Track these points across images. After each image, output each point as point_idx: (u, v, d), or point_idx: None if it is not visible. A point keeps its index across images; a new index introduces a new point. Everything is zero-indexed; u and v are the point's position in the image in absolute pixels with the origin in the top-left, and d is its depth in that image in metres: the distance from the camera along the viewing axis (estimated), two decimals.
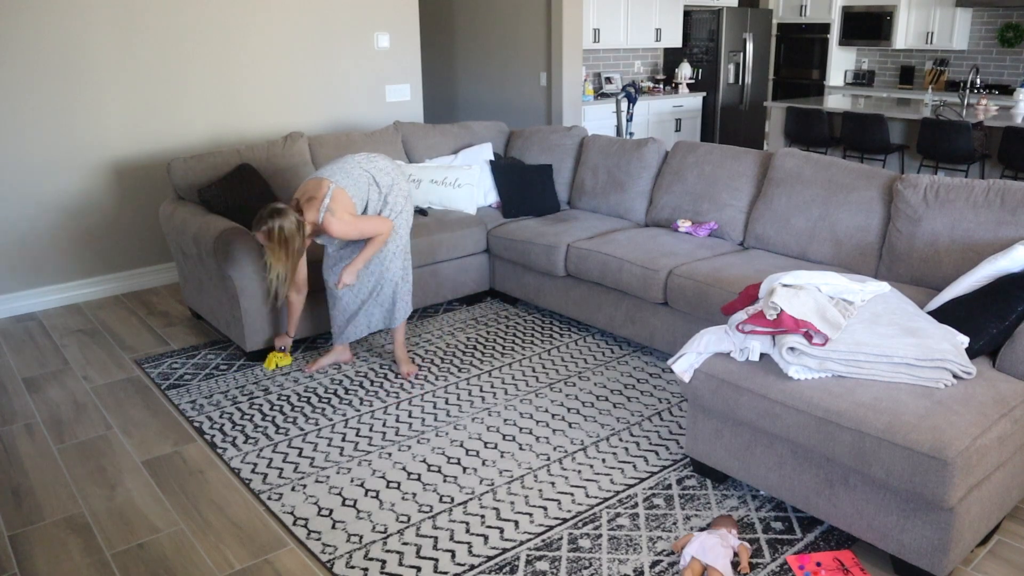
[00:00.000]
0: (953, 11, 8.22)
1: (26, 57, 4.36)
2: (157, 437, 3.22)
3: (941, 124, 6.06)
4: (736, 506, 2.67)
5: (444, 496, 2.77)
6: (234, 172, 4.15)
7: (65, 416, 3.41)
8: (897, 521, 2.23)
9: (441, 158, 4.93)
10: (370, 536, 2.56)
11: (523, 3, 7.16)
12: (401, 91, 5.92)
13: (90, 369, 3.87)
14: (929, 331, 2.43)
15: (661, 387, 3.55)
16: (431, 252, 4.29)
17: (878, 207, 3.47)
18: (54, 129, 4.53)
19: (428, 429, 3.22)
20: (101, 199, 4.78)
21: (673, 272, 3.60)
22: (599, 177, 4.61)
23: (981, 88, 7.95)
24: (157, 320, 4.49)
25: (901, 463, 2.13)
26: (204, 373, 3.77)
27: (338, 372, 3.75)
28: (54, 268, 4.71)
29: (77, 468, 3.00)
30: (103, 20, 4.56)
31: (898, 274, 3.33)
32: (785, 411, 2.38)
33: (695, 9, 8.74)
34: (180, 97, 4.92)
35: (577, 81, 7.07)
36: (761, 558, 2.42)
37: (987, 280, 2.68)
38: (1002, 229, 3.04)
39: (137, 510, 2.73)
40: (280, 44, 5.24)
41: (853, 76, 9.31)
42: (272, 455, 3.05)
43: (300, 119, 5.44)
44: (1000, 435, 2.17)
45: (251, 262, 3.67)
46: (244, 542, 2.55)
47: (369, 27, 5.64)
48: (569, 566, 2.39)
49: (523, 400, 3.45)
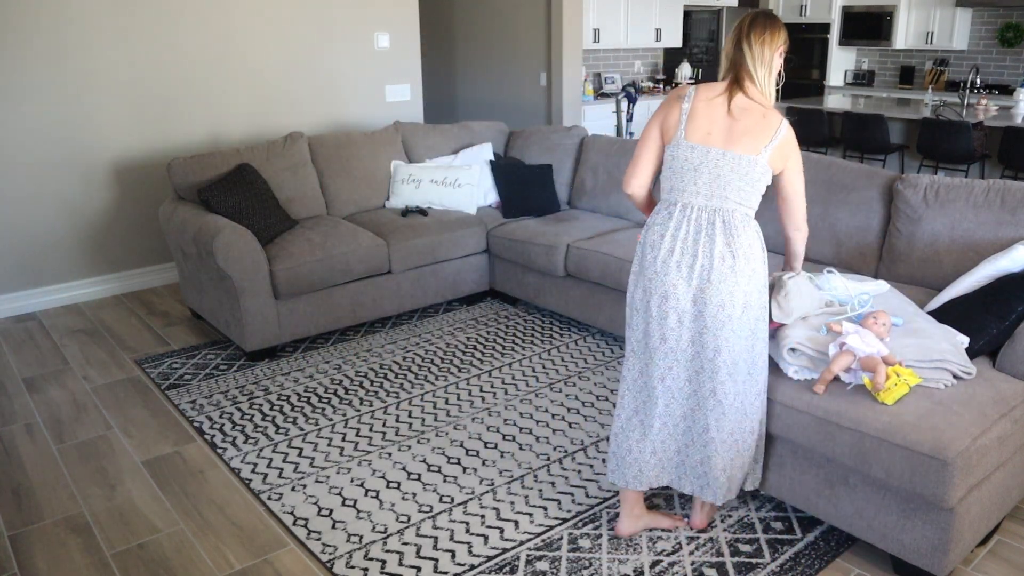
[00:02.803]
0: (953, 11, 8.21)
1: (26, 57, 4.36)
2: (157, 437, 3.22)
3: (941, 124, 6.06)
4: (736, 506, 2.67)
5: (444, 496, 2.77)
6: (234, 172, 4.15)
7: (65, 416, 3.41)
8: (897, 521, 2.23)
9: (441, 158, 4.93)
10: (370, 536, 2.56)
11: (523, 3, 7.16)
12: (401, 91, 5.92)
13: (90, 369, 3.87)
14: (929, 331, 2.43)
15: None
16: (431, 252, 4.29)
17: (878, 207, 3.47)
18: (54, 129, 4.53)
19: (428, 429, 3.22)
20: (101, 199, 4.78)
21: None
22: (599, 177, 4.61)
23: (981, 88, 7.94)
24: (157, 320, 4.49)
25: (901, 463, 2.13)
26: (204, 373, 3.77)
27: (338, 372, 3.75)
28: (54, 268, 4.71)
29: (77, 468, 3.00)
30: (103, 20, 4.56)
31: (898, 274, 3.32)
32: (785, 411, 2.38)
33: (695, 9, 8.73)
34: (180, 97, 4.92)
35: (577, 81, 7.07)
36: (761, 558, 2.42)
37: (987, 280, 2.68)
38: (1002, 229, 3.03)
39: (137, 510, 2.73)
40: (280, 44, 5.24)
41: (853, 76, 9.31)
42: (272, 455, 3.05)
43: (300, 119, 5.43)
44: (1000, 435, 2.17)
45: (251, 262, 3.67)
46: (244, 542, 2.55)
47: (369, 27, 5.64)
48: (569, 566, 2.39)
49: (523, 400, 3.45)
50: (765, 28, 2.23)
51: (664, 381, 2.34)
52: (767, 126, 2.23)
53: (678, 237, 2.25)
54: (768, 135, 2.23)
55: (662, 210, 2.32)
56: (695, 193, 2.25)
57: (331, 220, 4.35)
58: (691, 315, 2.26)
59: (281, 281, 3.78)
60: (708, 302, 2.23)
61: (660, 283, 2.27)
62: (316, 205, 4.53)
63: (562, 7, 6.73)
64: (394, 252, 4.15)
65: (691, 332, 2.28)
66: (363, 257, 4.03)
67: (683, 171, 2.26)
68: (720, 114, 2.23)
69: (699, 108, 2.25)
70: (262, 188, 4.17)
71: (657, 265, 2.27)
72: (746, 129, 2.22)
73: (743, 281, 2.23)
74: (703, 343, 2.28)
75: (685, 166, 2.25)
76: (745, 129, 2.22)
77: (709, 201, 2.24)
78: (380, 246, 4.10)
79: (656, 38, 8.23)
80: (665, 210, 2.31)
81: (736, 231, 2.23)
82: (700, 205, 2.25)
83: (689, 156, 2.24)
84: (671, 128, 2.28)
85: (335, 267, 3.94)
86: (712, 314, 2.23)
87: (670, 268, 2.25)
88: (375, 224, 4.35)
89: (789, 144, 2.28)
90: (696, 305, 2.25)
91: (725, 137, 2.23)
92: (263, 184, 4.20)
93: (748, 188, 2.24)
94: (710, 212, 2.24)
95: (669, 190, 2.31)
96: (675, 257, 2.25)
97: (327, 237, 4.02)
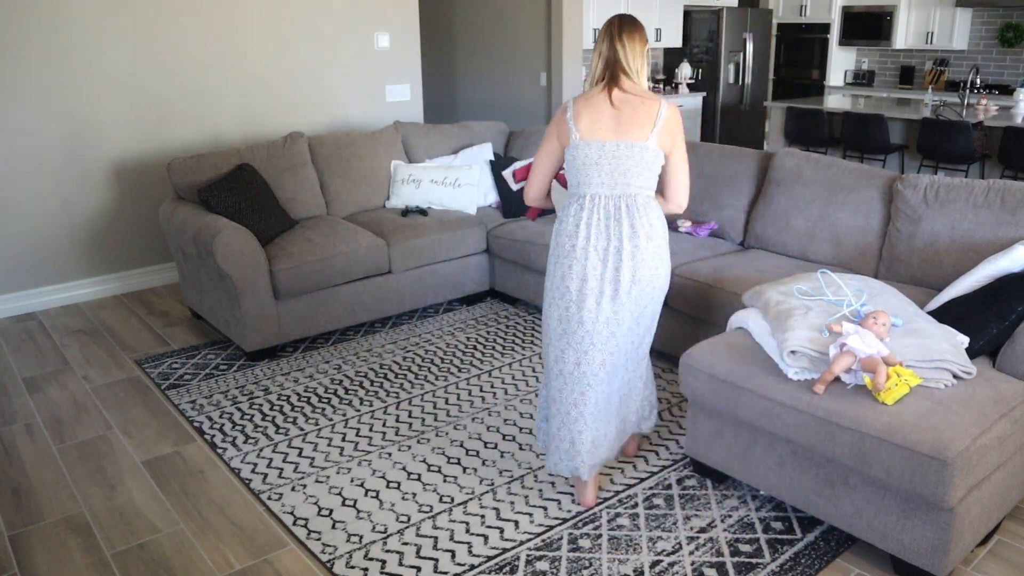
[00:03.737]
0: (953, 11, 8.21)
1: (26, 57, 4.36)
2: (157, 437, 3.22)
3: (941, 124, 6.06)
4: (736, 506, 2.67)
5: (444, 496, 2.77)
6: (234, 172, 4.14)
7: (65, 416, 3.41)
8: (897, 521, 2.23)
9: (441, 158, 4.93)
10: (370, 536, 2.56)
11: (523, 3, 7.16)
12: (401, 91, 5.92)
13: (90, 369, 3.87)
14: (929, 331, 2.43)
15: (661, 387, 3.55)
16: (431, 252, 4.29)
17: (878, 207, 3.47)
18: (54, 129, 4.53)
19: (428, 429, 3.22)
20: (101, 199, 4.78)
21: (673, 272, 3.60)
22: None
23: (981, 88, 7.95)
24: (157, 320, 4.49)
25: (901, 463, 2.13)
26: (204, 373, 3.77)
27: (338, 372, 3.75)
28: (54, 268, 4.71)
29: (77, 468, 3.00)
30: (103, 20, 4.56)
31: (898, 274, 3.32)
32: (785, 411, 2.38)
33: (695, 9, 8.73)
34: (180, 97, 4.92)
35: (577, 81, 7.06)
36: (761, 558, 2.42)
37: (987, 280, 2.68)
38: (1002, 229, 3.03)
39: (137, 510, 2.73)
40: (280, 44, 5.24)
41: (853, 76, 9.31)
42: (272, 455, 3.05)
43: (300, 119, 5.44)
44: (1000, 435, 2.17)
45: (251, 262, 3.67)
46: (244, 542, 2.55)
47: (369, 27, 5.64)
48: (569, 566, 2.39)
49: (523, 400, 3.45)
50: (633, 28, 2.52)
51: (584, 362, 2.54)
52: (648, 112, 2.46)
53: (591, 224, 2.49)
54: (651, 120, 2.45)
55: (573, 203, 2.55)
56: (600, 184, 2.48)
57: (331, 220, 4.35)
58: (608, 295, 2.50)
59: (281, 281, 3.78)
60: (622, 280, 2.48)
61: (580, 267, 2.50)
62: (316, 205, 4.53)
63: (562, 7, 6.73)
64: (394, 252, 4.15)
65: (607, 312, 2.51)
66: (363, 257, 4.04)
67: (585, 167, 2.48)
68: (604, 109, 2.46)
69: (581, 111, 2.48)
70: (262, 188, 4.17)
71: (577, 252, 2.50)
72: (631, 118, 2.45)
73: (649, 257, 2.50)
74: (618, 319, 2.52)
75: (586, 162, 2.48)
76: (631, 119, 2.45)
77: (613, 190, 2.48)
78: (380, 246, 4.10)
79: (656, 38, 8.23)
80: (576, 203, 2.53)
81: (640, 213, 2.48)
82: (606, 194, 2.49)
83: (588, 153, 2.47)
84: (564, 136, 2.53)
85: (335, 267, 3.94)
86: (626, 290, 2.49)
87: (588, 253, 2.49)
88: (375, 224, 4.35)
89: (673, 123, 2.49)
90: (612, 284, 2.49)
91: (615, 129, 2.45)
92: (263, 184, 4.20)
93: (646, 172, 2.48)
94: (616, 199, 2.48)
95: (576, 185, 2.54)
96: (592, 243, 2.48)
97: (327, 237, 4.02)
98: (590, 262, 2.48)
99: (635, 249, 2.46)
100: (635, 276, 2.48)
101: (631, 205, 2.47)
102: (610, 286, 2.49)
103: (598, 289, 2.49)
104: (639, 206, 2.48)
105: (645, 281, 2.51)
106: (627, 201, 2.47)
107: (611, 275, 2.48)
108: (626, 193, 2.47)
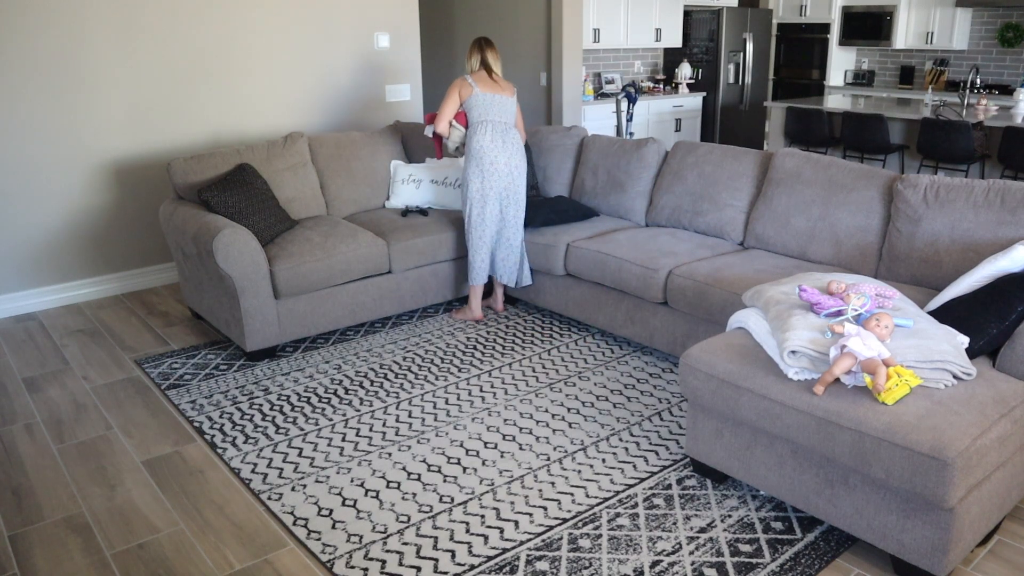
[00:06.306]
0: (953, 11, 8.22)
1: (26, 58, 4.36)
2: (157, 437, 3.22)
3: (941, 124, 6.06)
4: (736, 506, 2.67)
5: (444, 496, 2.77)
6: (234, 172, 4.15)
7: (65, 416, 3.41)
8: (897, 521, 2.23)
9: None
10: (370, 536, 2.56)
11: (523, 3, 7.16)
12: (401, 91, 5.92)
13: (90, 369, 3.87)
14: (929, 332, 2.43)
15: (661, 387, 3.55)
16: (431, 252, 4.29)
17: (878, 207, 3.47)
18: (54, 129, 4.53)
19: (428, 429, 3.22)
20: (101, 199, 4.78)
21: (673, 272, 3.60)
22: (599, 177, 4.61)
23: (981, 88, 7.95)
24: (157, 320, 4.49)
25: (901, 463, 2.13)
26: (204, 373, 3.77)
27: (338, 372, 3.75)
28: (54, 268, 4.71)
29: (77, 468, 3.00)
30: (103, 20, 4.56)
31: (898, 274, 3.33)
32: (785, 411, 2.38)
33: (695, 9, 8.73)
34: (180, 97, 4.92)
35: (577, 81, 7.07)
36: (761, 558, 2.42)
37: (987, 280, 2.68)
38: (1002, 229, 3.04)
39: (137, 510, 2.73)
40: (280, 44, 5.24)
41: (853, 76, 9.31)
42: (272, 455, 3.05)
43: (300, 119, 5.44)
44: (1000, 435, 2.17)
45: (251, 262, 3.67)
46: (244, 542, 2.55)
47: (369, 27, 5.64)
48: (569, 566, 2.39)
49: (523, 400, 3.45)
50: (492, 45, 4.17)
51: (489, 224, 4.17)
52: (510, 88, 4.19)
53: (497, 142, 4.06)
54: (512, 91, 4.19)
55: (480, 129, 4.06)
56: (497, 115, 4.09)
57: (331, 220, 4.35)
58: (509, 190, 4.14)
59: (281, 281, 3.78)
60: (515, 179, 4.14)
61: (499, 176, 4.09)
62: (316, 205, 4.54)
63: (562, 7, 6.73)
64: (394, 252, 4.15)
65: (504, 198, 4.15)
66: (363, 257, 4.04)
67: (486, 106, 4.06)
68: (490, 82, 4.11)
69: (480, 80, 4.09)
70: (262, 188, 4.17)
71: (499, 164, 4.07)
72: (504, 88, 4.15)
73: (524, 163, 4.20)
74: (509, 201, 4.16)
75: (486, 103, 4.06)
76: (504, 88, 4.14)
77: (502, 118, 4.10)
78: (380, 246, 4.11)
79: (656, 38, 8.24)
80: (482, 128, 4.06)
81: (515, 135, 4.15)
82: (500, 121, 4.09)
83: (487, 99, 4.07)
84: (467, 92, 4.06)
85: (335, 267, 3.94)
86: (517, 186, 4.16)
87: (499, 161, 4.07)
88: (375, 224, 4.35)
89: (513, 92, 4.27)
90: (514, 182, 4.14)
91: (499, 90, 4.11)
92: (263, 184, 4.20)
93: (514, 113, 4.18)
94: (504, 126, 4.10)
95: (479, 117, 4.07)
96: (503, 157, 4.07)
97: (327, 237, 4.02)
98: (499, 167, 4.07)
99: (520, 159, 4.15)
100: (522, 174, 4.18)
101: (509, 130, 4.11)
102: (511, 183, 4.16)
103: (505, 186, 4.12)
104: (513, 131, 4.14)
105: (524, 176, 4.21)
106: (508, 128, 4.11)
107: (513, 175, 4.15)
108: (507, 123, 4.11)
